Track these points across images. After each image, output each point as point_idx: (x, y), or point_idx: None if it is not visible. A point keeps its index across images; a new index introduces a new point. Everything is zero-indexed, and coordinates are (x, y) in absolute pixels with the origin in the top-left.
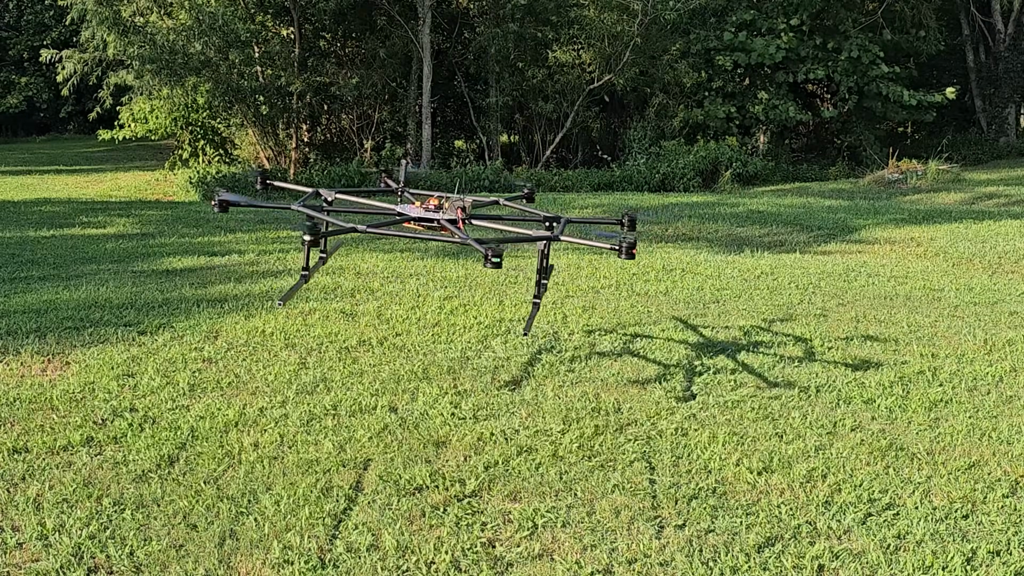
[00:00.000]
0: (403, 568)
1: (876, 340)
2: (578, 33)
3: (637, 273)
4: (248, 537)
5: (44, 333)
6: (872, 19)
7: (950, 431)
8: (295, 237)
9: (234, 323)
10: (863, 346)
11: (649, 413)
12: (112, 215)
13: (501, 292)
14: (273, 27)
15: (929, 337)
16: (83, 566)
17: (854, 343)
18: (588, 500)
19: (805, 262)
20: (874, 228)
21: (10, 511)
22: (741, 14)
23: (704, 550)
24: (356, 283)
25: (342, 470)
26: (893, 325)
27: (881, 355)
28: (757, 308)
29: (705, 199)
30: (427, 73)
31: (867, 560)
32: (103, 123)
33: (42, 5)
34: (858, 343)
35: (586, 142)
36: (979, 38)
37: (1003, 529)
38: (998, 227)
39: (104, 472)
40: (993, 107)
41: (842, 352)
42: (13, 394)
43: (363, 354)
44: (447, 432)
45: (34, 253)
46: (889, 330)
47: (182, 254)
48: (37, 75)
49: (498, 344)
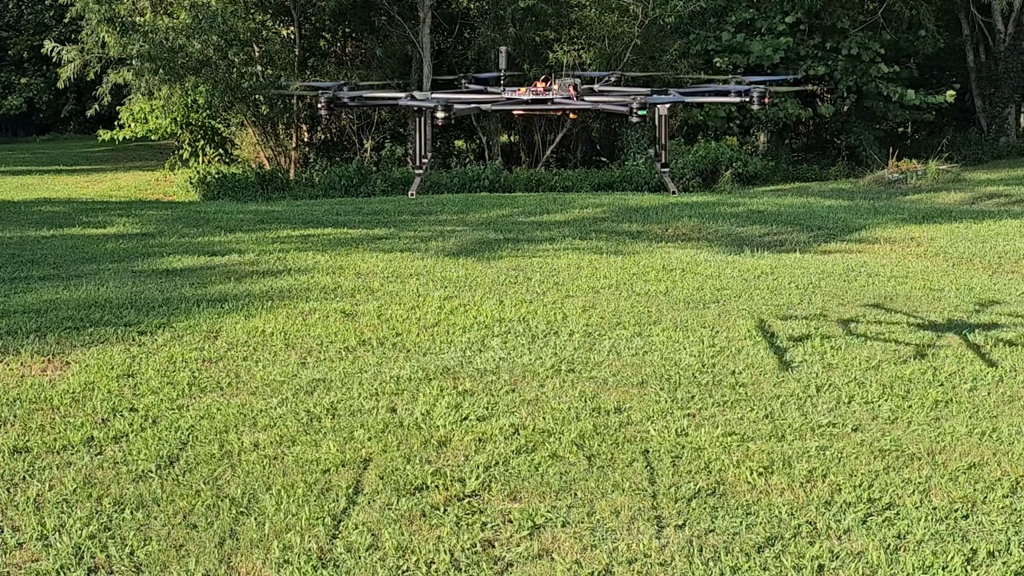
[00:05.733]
0: (403, 568)
1: (876, 340)
2: (578, 34)
3: (637, 273)
4: (248, 537)
5: (44, 333)
6: (872, 19)
7: (950, 431)
8: (295, 237)
9: (234, 323)
10: (863, 346)
11: (649, 413)
12: (112, 215)
13: (501, 292)
14: (273, 27)
15: (929, 337)
16: (83, 566)
17: (854, 343)
18: (588, 500)
19: (805, 262)
20: (874, 228)
21: (10, 511)
22: (740, 13)
23: (704, 550)
24: (356, 283)
25: (342, 470)
26: (893, 325)
27: (881, 355)
28: (757, 308)
29: (705, 199)
30: (427, 73)
31: (867, 560)
32: (103, 123)
33: (42, 5)
34: (858, 343)
35: (586, 142)
36: (979, 38)
37: (1003, 529)
38: (998, 227)
39: (104, 472)
40: (993, 107)
41: (842, 352)
42: (13, 394)
43: (363, 354)
44: (447, 432)
45: (34, 253)
46: (889, 330)
47: (182, 254)
48: (37, 75)
49: (498, 344)
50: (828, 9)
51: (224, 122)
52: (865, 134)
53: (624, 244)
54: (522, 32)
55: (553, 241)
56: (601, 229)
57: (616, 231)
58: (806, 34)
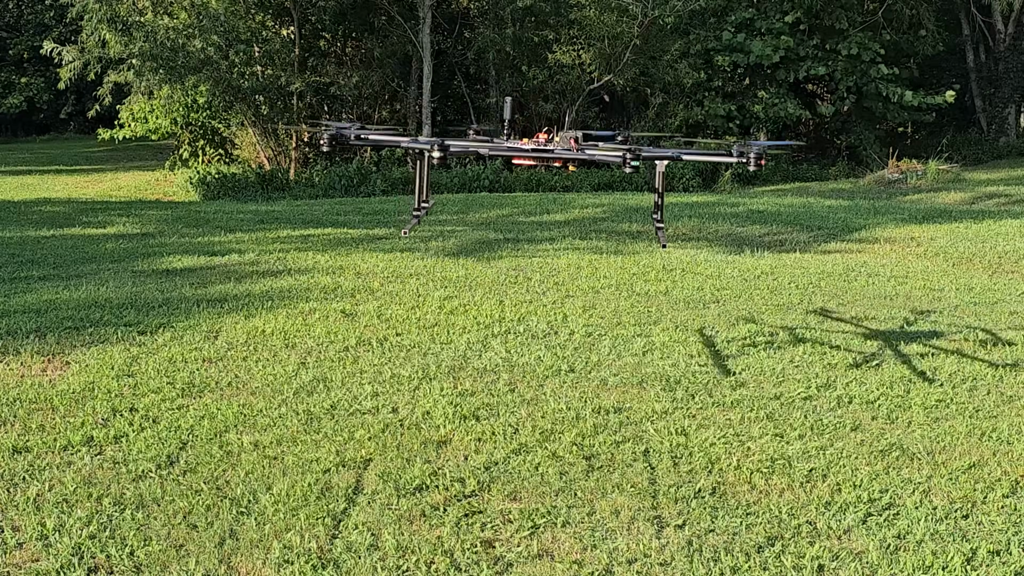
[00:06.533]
0: (403, 568)
1: (876, 340)
2: (578, 34)
3: (637, 273)
4: (248, 537)
5: (44, 333)
6: (872, 19)
7: (950, 431)
8: (295, 237)
9: (234, 323)
10: (863, 346)
11: (649, 413)
12: (112, 215)
13: (501, 292)
14: (273, 27)
15: (929, 337)
16: (83, 566)
17: (854, 343)
18: (588, 500)
19: (805, 262)
20: (874, 228)
21: (10, 511)
22: (740, 13)
23: (704, 550)
24: (356, 283)
25: (342, 470)
26: (893, 325)
27: (881, 355)
28: (757, 308)
29: (705, 199)
30: (427, 73)
31: (867, 560)
32: (103, 123)
33: (42, 5)
34: (858, 343)
35: None
36: (979, 38)
37: (1003, 529)
38: (998, 227)
39: (104, 472)
40: (993, 107)
41: (842, 352)
42: (13, 394)
43: (363, 354)
44: (447, 432)
45: (34, 253)
46: (889, 330)
47: (182, 254)
48: (37, 75)
49: (498, 344)
50: (828, 9)
51: (224, 122)
52: (865, 134)
53: (624, 244)
54: (521, 32)
55: (553, 241)
56: (601, 229)
57: (616, 231)
58: (806, 34)
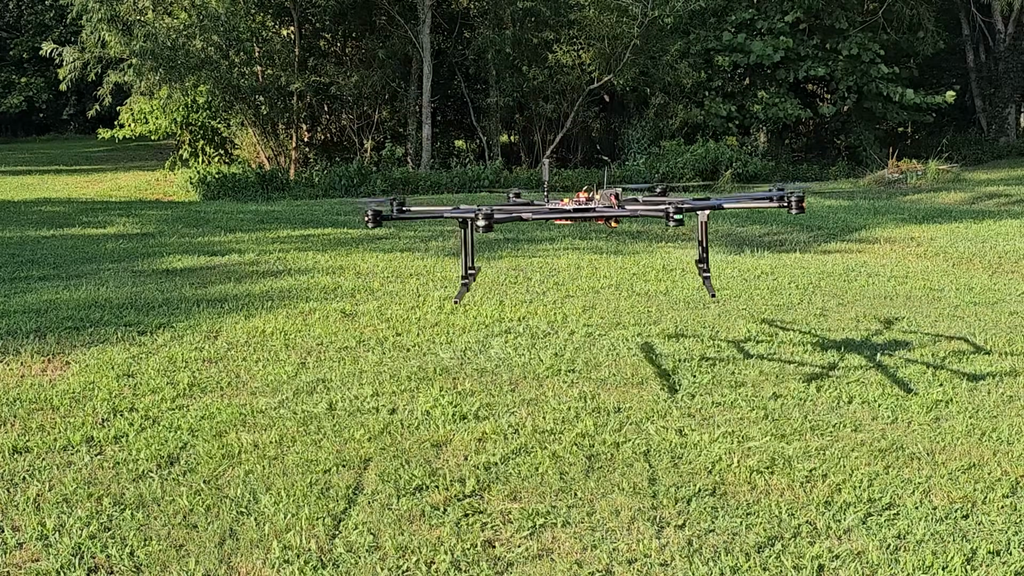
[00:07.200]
0: (403, 568)
1: (876, 340)
2: (578, 34)
3: (637, 273)
4: (248, 537)
5: (44, 333)
6: (872, 19)
7: (950, 431)
8: (295, 237)
9: (234, 323)
10: (863, 346)
11: (649, 413)
12: (112, 215)
13: (501, 292)
14: (273, 27)
15: (929, 337)
16: (83, 566)
17: (854, 343)
18: (588, 500)
19: (805, 262)
20: (874, 228)
21: (10, 511)
22: (740, 13)
23: (704, 550)
24: (356, 283)
25: (342, 470)
26: (893, 325)
27: (881, 355)
28: (757, 308)
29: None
30: (427, 73)
31: (867, 560)
32: (103, 123)
33: (42, 5)
34: (858, 343)
35: (586, 142)
36: (979, 38)
37: (1003, 529)
38: (998, 227)
39: (104, 472)
40: (993, 107)
41: (842, 352)
42: (13, 394)
43: (363, 354)
44: (447, 432)
45: (34, 253)
46: (889, 330)
47: (182, 254)
48: (37, 75)
49: (498, 344)
50: (828, 9)
51: (224, 122)
52: (865, 134)
53: (624, 244)
54: (521, 32)
55: (553, 241)
56: (601, 229)
57: (616, 231)
58: (806, 34)
